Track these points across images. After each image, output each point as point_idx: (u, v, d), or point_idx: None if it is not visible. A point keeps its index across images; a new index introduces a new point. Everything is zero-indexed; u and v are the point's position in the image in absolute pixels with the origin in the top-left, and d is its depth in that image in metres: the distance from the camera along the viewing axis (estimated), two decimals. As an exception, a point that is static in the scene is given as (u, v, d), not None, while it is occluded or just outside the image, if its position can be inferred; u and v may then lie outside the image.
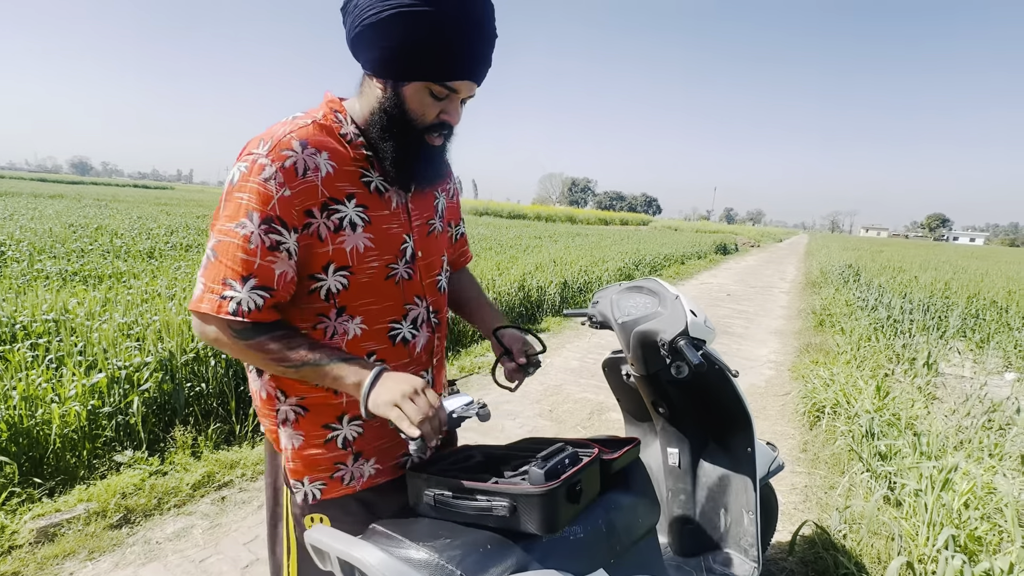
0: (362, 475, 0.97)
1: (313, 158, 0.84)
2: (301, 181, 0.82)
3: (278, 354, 0.83)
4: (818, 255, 18.28)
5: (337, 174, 0.87)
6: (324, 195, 0.85)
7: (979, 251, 42.85)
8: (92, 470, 2.37)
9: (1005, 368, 4.99)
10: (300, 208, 0.83)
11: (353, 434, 0.95)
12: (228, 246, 0.80)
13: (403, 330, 0.97)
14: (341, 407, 0.94)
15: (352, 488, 0.96)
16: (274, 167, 0.80)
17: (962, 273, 12.89)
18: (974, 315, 6.74)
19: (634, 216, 61.11)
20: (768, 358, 5.03)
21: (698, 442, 1.55)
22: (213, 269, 0.81)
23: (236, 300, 0.80)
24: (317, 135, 0.86)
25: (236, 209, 0.80)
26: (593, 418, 3.42)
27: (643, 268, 10.23)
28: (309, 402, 0.93)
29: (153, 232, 9.29)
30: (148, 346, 2.92)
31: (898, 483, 2.28)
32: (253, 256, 0.80)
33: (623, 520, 0.96)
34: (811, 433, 3.25)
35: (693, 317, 1.32)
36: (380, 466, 0.98)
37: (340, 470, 0.95)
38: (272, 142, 0.82)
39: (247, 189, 0.80)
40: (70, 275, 5.12)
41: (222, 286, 0.81)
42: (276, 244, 0.81)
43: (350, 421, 0.95)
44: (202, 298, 0.82)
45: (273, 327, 0.84)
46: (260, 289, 0.81)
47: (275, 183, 0.80)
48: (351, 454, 0.96)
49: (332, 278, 0.88)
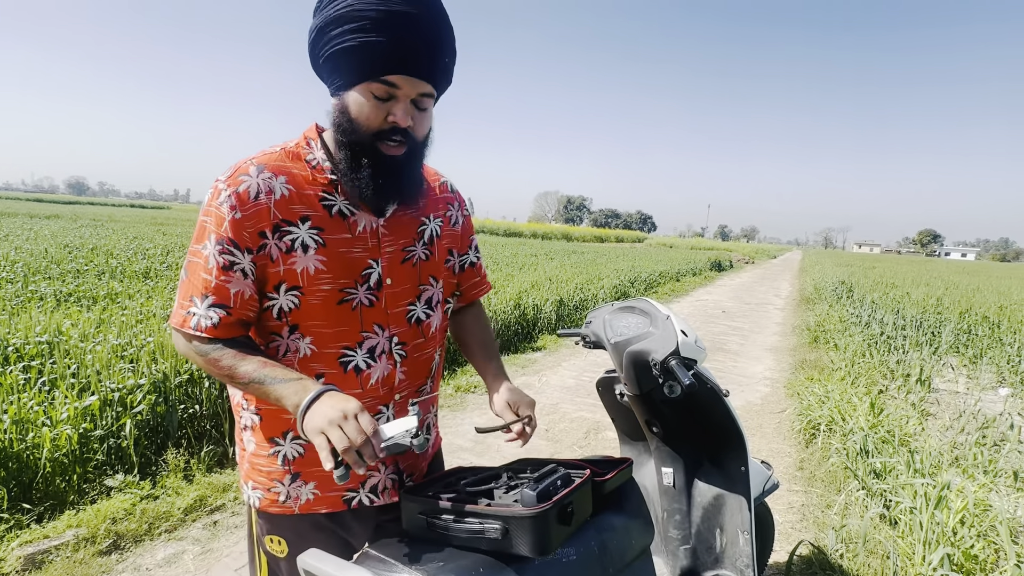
0: (299, 497, 0.96)
1: (268, 182, 0.87)
2: (253, 204, 0.85)
3: (228, 370, 0.85)
4: (812, 271, 18.43)
5: (292, 197, 0.88)
6: (276, 217, 0.87)
7: (970, 266, 43.28)
8: (82, 495, 2.34)
9: (999, 383, 5.02)
10: (252, 230, 0.85)
11: (294, 453, 0.95)
12: (194, 266, 0.86)
13: (356, 358, 0.94)
14: (287, 423, 0.94)
15: (289, 508, 0.96)
16: (228, 191, 0.85)
17: (954, 289, 13.01)
18: (967, 330, 6.79)
19: (629, 233, 61.55)
20: (764, 375, 5.04)
21: (692, 461, 1.56)
22: (183, 287, 0.87)
23: (197, 316, 0.85)
24: (279, 161, 0.89)
25: (201, 232, 0.86)
26: (590, 437, 3.41)
27: (639, 285, 10.28)
28: (263, 412, 0.95)
29: (149, 252, 9.29)
30: (142, 368, 2.90)
31: (893, 501, 2.28)
32: (210, 275, 0.85)
33: (616, 541, 0.97)
34: (807, 451, 3.25)
35: (684, 337, 1.34)
36: (319, 492, 0.96)
37: (276, 487, 0.96)
38: (233, 169, 0.87)
39: (209, 213, 0.86)
40: (64, 296, 5.10)
41: (188, 302, 0.86)
42: (230, 264, 0.85)
43: (293, 439, 0.95)
44: (175, 314, 0.88)
45: (228, 343, 0.86)
46: (217, 307, 0.85)
47: (227, 206, 0.84)
48: (288, 473, 0.95)
49: (284, 297, 0.90)
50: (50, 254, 7.83)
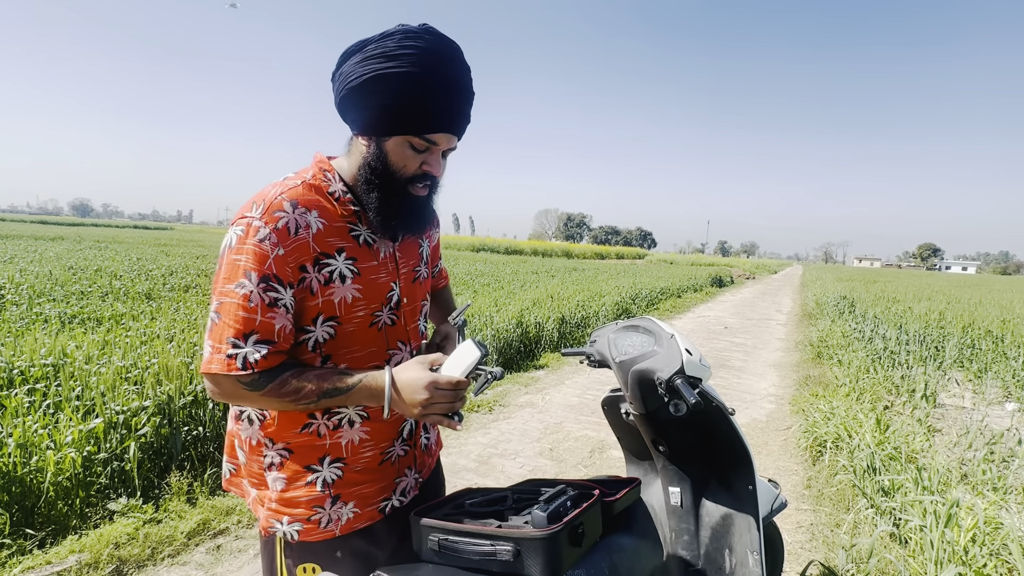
0: (340, 518, 0.97)
1: (304, 217, 0.89)
2: (294, 240, 0.87)
3: (295, 394, 0.87)
4: (813, 286, 18.43)
5: (327, 230, 0.91)
6: (315, 250, 0.89)
7: (971, 280, 43.23)
8: (85, 519, 2.32)
9: (1005, 398, 4.99)
10: (294, 265, 0.87)
11: (333, 476, 0.97)
12: (229, 306, 0.84)
13: None
14: (324, 449, 0.96)
15: (331, 532, 0.97)
16: (267, 228, 0.85)
17: (956, 303, 12.99)
18: (970, 345, 6.77)
19: (629, 250, 61.74)
20: (768, 392, 5.02)
21: (700, 480, 1.55)
22: (218, 330, 0.85)
23: (242, 355, 0.84)
24: (307, 195, 0.91)
25: (235, 271, 0.85)
26: (594, 456, 3.38)
27: (640, 302, 10.29)
28: (294, 445, 0.96)
29: (152, 273, 9.34)
30: (147, 389, 2.91)
31: (902, 519, 2.26)
32: (254, 314, 0.84)
33: (626, 563, 0.97)
34: (814, 468, 3.22)
35: (688, 356, 1.35)
36: (358, 510, 0.99)
37: (318, 513, 0.96)
38: (264, 204, 0.87)
39: (244, 251, 0.85)
40: (69, 318, 5.12)
41: (227, 345, 0.84)
42: (274, 301, 0.85)
43: (331, 463, 0.97)
44: (211, 359, 0.85)
45: (281, 369, 0.88)
46: (262, 343, 0.85)
47: (269, 243, 0.85)
48: (329, 497, 0.97)
49: (320, 328, 0.92)
50: (55, 276, 7.88)
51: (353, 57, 0.89)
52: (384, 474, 1.02)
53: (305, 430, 0.95)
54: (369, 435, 0.99)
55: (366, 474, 0.99)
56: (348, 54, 0.90)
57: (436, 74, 0.86)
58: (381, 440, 1.01)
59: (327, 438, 0.96)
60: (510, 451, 3.39)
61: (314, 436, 0.95)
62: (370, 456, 1.00)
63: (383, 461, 1.02)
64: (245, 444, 1.00)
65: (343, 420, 0.97)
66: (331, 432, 0.96)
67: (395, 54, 0.85)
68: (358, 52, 0.89)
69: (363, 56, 0.87)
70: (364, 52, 0.88)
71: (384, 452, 1.02)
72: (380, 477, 1.01)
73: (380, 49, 0.86)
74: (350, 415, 0.97)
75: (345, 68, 0.89)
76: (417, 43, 0.86)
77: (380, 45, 0.86)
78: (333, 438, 0.96)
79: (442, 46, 0.88)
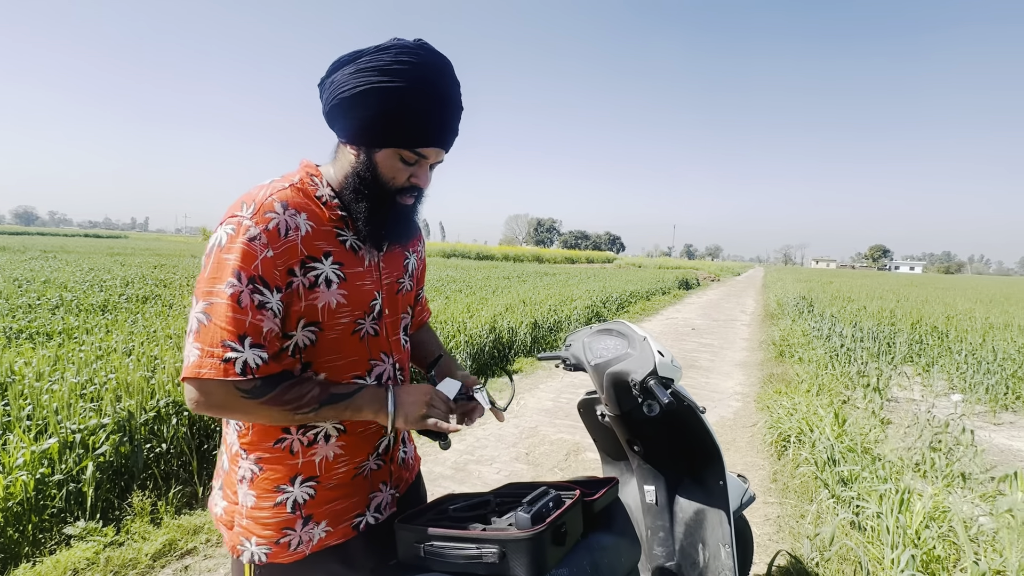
0: (311, 539, 0.94)
1: (294, 218, 0.88)
2: (283, 241, 0.86)
3: (296, 401, 0.85)
4: (774, 288, 19.16)
5: (315, 233, 0.90)
6: (303, 253, 0.88)
7: (918, 279, 45.82)
8: (38, 546, 2.20)
9: (951, 390, 5.32)
10: (282, 268, 0.85)
11: (304, 496, 0.94)
12: (219, 307, 0.80)
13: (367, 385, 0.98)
14: (295, 468, 0.93)
15: (300, 553, 0.93)
16: (258, 228, 0.84)
17: (905, 301, 13.75)
18: (918, 340, 7.18)
19: (599, 254, 62.68)
20: (734, 390, 5.19)
21: (673, 478, 1.60)
22: (208, 332, 0.80)
23: (242, 360, 0.81)
24: (296, 197, 0.90)
25: (223, 270, 0.82)
26: (570, 459, 3.42)
27: (610, 305, 10.46)
28: (265, 461, 0.93)
29: (107, 284, 8.90)
30: (105, 407, 2.78)
31: (861, 507, 2.38)
32: (244, 315, 0.81)
33: (607, 560, 1.00)
34: (779, 463, 3.35)
35: (661, 357, 1.40)
36: (331, 528, 0.96)
37: (287, 535, 0.93)
38: (255, 205, 0.86)
39: (233, 250, 0.82)
40: (15, 333, 4.83)
41: (222, 348, 0.80)
42: (261, 304, 0.83)
43: (303, 483, 0.94)
44: (201, 364, 0.80)
45: (282, 377, 0.86)
46: (257, 347, 0.83)
47: (259, 243, 0.83)
48: (300, 518, 0.93)
49: (301, 333, 0.90)
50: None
51: (346, 67, 0.89)
52: (356, 489, 0.99)
53: (278, 444, 0.92)
54: (344, 449, 0.97)
55: (338, 490, 0.97)
56: (340, 63, 0.90)
57: (430, 90, 0.87)
58: (356, 455, 0.98)
59: (300, 456, 0.93)
60: (487, 457, 3.39)
61: (286, 453, 0.92)
62: (344, 472, 0.97)
63: (356, 476, 0.99)
64: (229, 450, 0.97)
65: (319, 435, 0.94)
66: (304, 449, 0.93)
67: (390, 68, 0.85)
68: (351, 63, 0.88)
69: (356, 68, 0.87)
70: (358, 64, 0.88)
71: (358, 467, 0.99)
72: (352, 492, 0.99)
73: (375, 62, 0.86)
74: (326, 429, 0.94)
75: (337, 77, 0.89)
76: (412, 59, 0.86)
77: (375, 58, 0.87)
78: (306, 456, 0.93)
79: (436, 62, 0.89)
